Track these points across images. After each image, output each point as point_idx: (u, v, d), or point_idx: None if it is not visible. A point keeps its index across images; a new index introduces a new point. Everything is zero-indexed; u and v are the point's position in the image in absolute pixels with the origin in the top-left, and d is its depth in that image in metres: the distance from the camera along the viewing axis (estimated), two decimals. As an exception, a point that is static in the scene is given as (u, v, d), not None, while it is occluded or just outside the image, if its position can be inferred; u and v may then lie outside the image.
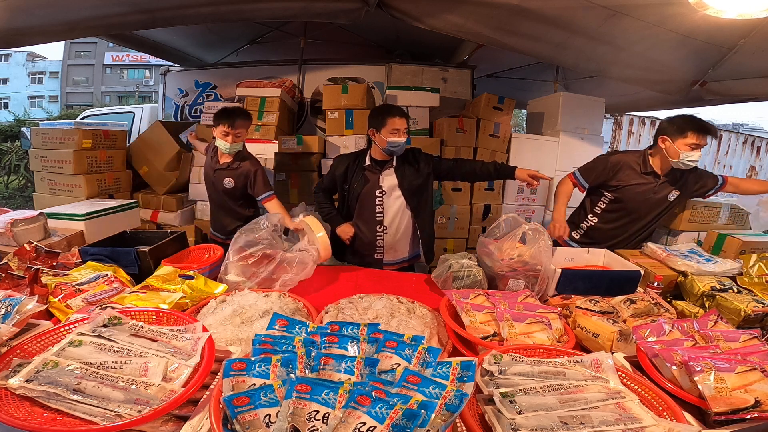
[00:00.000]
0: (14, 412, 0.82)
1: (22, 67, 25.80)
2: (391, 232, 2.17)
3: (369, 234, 2.18)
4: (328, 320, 1.29)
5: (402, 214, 2.15)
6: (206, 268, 1.70)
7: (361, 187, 2.12)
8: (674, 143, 1.95)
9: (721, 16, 1.55)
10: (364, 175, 2.12)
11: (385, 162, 2.11)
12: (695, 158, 1.95)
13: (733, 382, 0.94)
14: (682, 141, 1.94)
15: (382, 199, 2.12)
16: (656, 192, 2.10)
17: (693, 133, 1.90)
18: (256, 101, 3.37)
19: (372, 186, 2.11)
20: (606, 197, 2.18)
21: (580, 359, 1.04)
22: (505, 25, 2.34)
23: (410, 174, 2.10)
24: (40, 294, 1.31)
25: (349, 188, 2.14)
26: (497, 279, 1.75)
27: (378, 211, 2.14)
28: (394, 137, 2.00)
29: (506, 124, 3.37)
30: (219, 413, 0.78)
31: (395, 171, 2.10)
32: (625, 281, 1.63)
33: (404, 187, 2.10)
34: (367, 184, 2.11)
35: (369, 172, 2.12)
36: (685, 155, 1.94)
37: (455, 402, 0.77)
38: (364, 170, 2.12)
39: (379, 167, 2.11)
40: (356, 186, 2.12)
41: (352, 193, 2.14)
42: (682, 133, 1.93)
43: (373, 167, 2.11)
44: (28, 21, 2.14)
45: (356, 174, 2.12)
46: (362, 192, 2.12)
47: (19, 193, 8.33)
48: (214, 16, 2.36)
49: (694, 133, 1.90)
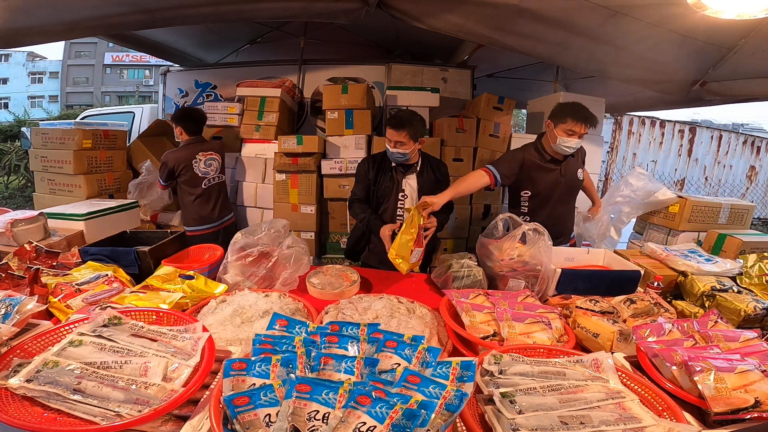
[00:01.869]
0: (14, 412, 0.82)
1: (22, 67, 25.80)
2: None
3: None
4: (328, 320, 1.29)
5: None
6: (206, 268, 1.70)
7: (387, 187, 2.13)
8: (555, 128, 2.00)
9: (719, 16, 1.55)
10: (390, 176, 2.13)
11: (410, 166, 2.12)
12: (571, 145, 1.98)
13: (733, 382, 0.94)
14: (561, 126, 1.97)
15: (404, 202, 2.13)
16: (564, 174, 2.12)
17: (571, 120, 1.94)
18: (256, 101, 3.37)
19: (396, 188, 2.13)
20: (524, 195, 2.18)
21: (580, 359, 1.04)
22: (505, 25, 2.34)
23: (430, 181, 2.11)
24: (40, 294, 1.31)
25: (377, 188, 2.14)
26: (497, 279, 1.75)
27: (399, 214, 2.14)
28: (390, 147, 2.01)
29: (506, 124, 3.37)
30: (219, 413, 0.78)
31: (418, 176, 2.12)
32: (625, 281, 1.63)
33: (424, 192, 2.08)
34: (392, 185, 2.13)
35: (394, 173, 2.13)
36: (562, 140, 1.98)
37: (455, 402, 0.77)
38: (390, 171, 2.13)
39: (403, 170, 2.13)
40: (384, 187, 2.13)
41: (378, 192, 2.15)
42: (562, 118, 1.97)
43: (398, 169, 2.13)
44: (28, 21, 2.14)
45: (384, 174, 2.14)
46: (386, 193, 2.13)
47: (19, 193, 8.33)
48: (214, 16, 2.36)
49: (572, 120, 1.94)
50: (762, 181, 8.49)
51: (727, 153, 8.15)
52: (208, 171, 2.87)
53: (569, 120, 1.95)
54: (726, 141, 8.10)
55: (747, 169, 8.37)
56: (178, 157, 2.79)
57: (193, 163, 2.80)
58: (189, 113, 2.93)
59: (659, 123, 7.60)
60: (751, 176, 8.41)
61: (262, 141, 3.33)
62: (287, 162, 3.16)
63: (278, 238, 1.77)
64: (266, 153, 3.30)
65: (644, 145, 7.63)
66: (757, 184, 8.46)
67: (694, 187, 7.99)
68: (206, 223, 2.90)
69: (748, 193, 8.38)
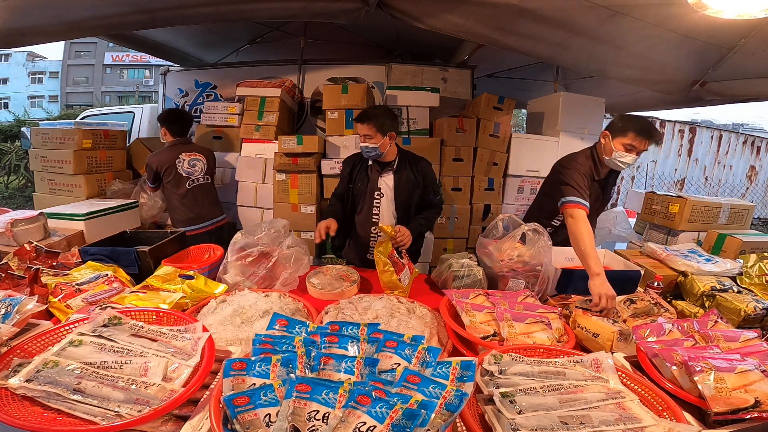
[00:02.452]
0: (14, 412, 0.82)
1: (22, 67, 25.80)
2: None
3: (364, 234, 2.18)
4: (328, 320, 1.29)
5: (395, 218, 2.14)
6: (206, 268, 1.70)
7: (363, 186, 2.12)
8: (613, 141, 1.86)
9: (720, 16, 1.55)
10: (366, 174, 2.12)
11: (386, 164, 2.10)
12: (628, 161, 1.85)
13: (733, 382, 0.94)
14: (620, 140, 1.84)
15: (380, 201, 2.12)
16: (604, 190, 2.04)
17: (633, 134, 1.81)
18: (256, 101, 3.37)
19: (372, 186, 2.11)
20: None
21: (580, 359, 1.04)
22: (505, 25, 2.34)
23: (407, 179, 2.08)
24: (40, 294, 1.31)
25: (353, 187, 2.14)
26: (497, 279, 1.75)
27: (374, 213, 2.13)
28: (362, 142, 2.00)
29: (506, 124, 3.37)
30: (219, 413, 0.78)
31: (394, 174, 2.09)
32: (625, 281, 1.63)
33: (400, 191, 2.08)
34: (368, 183, 2.11)
35: (371, 172, 2.12)
36: (618, 155, 1.84)
37: (455, 402, 0.77)
38: (367, 170, 2.12)
39: (380, 168, 2.11)
40: (359, 185, 2.12)
41: (354, 191, 2.14)
42: (623, 131, 1.84)
43: (375, 168, 2.11)
44: (28, 21, 2.14)
45: (360, 173, 2.13)
46: (362, 191, 2.13)
47: (19, 193, 8.33)
48: (214, 16, 2.36)
49: (634, 135, 1.81)
50: (762, 181, 8.49)
51: (727, 153, 8.16)
52: (192, 171, 2.85)
53: (631, 134, 1.80)
54: (726, 141, 8.10)
55: (747, 169, 8.37)
56: (160, 158, 2.78)
57: (177, 162, 2.79)
58: (174, 114, 2.94)
59: (659, 123, 7.60)
60: (751, 176, 8.42)
61: (262, 141, 3.32)
62: (287, 162, 3.16)
63: (278, 238, 1.77)
64: (266, 153, 3.30)
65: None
66: (757, 184, 8.47)
67: (694, 187, 7.99)
68: (195, 224, 2.87)
69: (748, 193, 8.38)
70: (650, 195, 2.55)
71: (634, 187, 7.58)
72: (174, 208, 2.88)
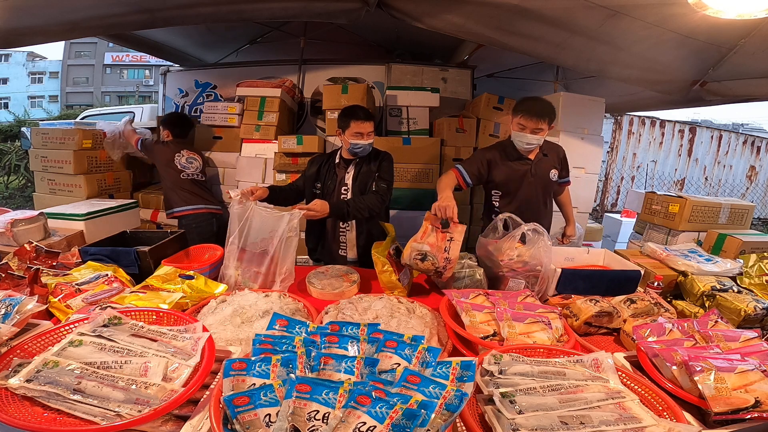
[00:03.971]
0: (14, 412, 0.82)
1: (22, 67, 25.80)
2: (352, 229, 2.16)
3: (332, 230, 2.20)
4: (328, 320, 1.29)
5: None
6: (206, 268, 1.70)
7: (332, 183, 2.13)
8: (511, 122, 1.98)
9: (720, 16, 1.55)
10: (334, 172, 2.15)
11: (351, 160, 2.13)
12: (523, 140, 1.94)
13: (733, 382, 0.94)
14: (514, 120, 1.95)
15: (346, 196, 2.12)
16: (535, 172, 2.07)
17: (521, 114, 1.92)
18: (256, 101, 3.37)
19: (339, 183, 2.13)
20: (494, 193, 2.15)
21: (580, 359, 1.04)
22: (505, 25, 2.34)
23: (365, 173, 2.09)
24: (40, 294, 1.31)
25: (322, 186, 2.15)
26: (497, 279, 1.75)
27: None
28: (357, 140, 2.00)
29: (506, 124, 3.36)
30: (219, 413, 0.78)
31: (355, 167, 2.11)
32: (625, 281, 1.63)
33: (357, 184, 2.08)
34: (335, 180, 2.13)
35: (338, 168, 2.15)
36: (514, 135, 1.96)
37: (455, 402, 0.77)
38: (334, 167, 2.15)
39: (346, 164, 2.13)
40: (329, 183, 2.14)
41: (324, 189, 2.14)
42: (515, 112, 1.95)
43: (341, 164, 2.14)
44: (28, 21, 2.14)
45: (329, 171, 2.15)
46: (331, 189, 2.13)
47: (19, 193, 8.32)
48: (214, 16, 2.36)
49: (521, 115, 1.91)
50: (762, 181, 8.49)
51: (727, 153, 8.15)
52: (187, 166, 2.96)
53: (519, 114, 1.93)
54: (726, 141, 8.10)
55: (747, 169, 8.36)
56: (164, 150, 2.94)
57: (176, 156, 2.93)
58: (179, 119, 3.12)
59: (659, 123, 7.60)
60: (751, 176, 8.41)
61: (262, 141, 3.32)
62: (287, 162, 3.16)
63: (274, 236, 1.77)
64: (266, 153, 3.30)
65: (644, 145, 7.62)
66: (757, 184, 8.46)
67: (694, 187, 7.99)
68: (193, 204, 2.92)
69: (748, 193, 8.38)
70: (650, 195, 2.55)
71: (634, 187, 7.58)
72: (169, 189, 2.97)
